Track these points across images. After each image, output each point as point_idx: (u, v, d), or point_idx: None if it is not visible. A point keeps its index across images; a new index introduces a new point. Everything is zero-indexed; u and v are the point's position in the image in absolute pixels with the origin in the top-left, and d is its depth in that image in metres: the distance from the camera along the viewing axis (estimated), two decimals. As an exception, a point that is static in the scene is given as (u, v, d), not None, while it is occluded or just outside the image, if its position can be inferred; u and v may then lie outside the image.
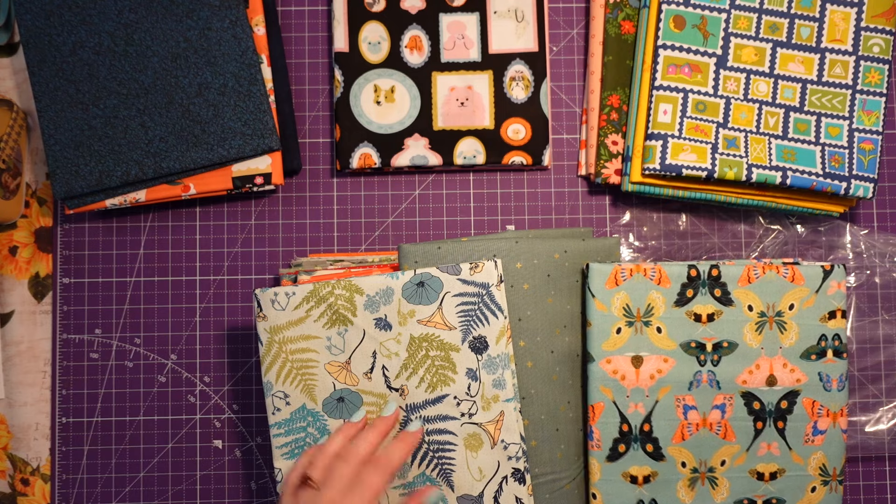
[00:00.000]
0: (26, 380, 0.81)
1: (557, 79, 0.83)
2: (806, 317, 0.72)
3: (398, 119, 0.81)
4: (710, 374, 0.71)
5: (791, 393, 0.71)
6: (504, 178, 0.83)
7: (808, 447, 0.72)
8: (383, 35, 0.81)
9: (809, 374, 0.72)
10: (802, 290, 0.71)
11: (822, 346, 0.72)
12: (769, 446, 0.72)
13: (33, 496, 0.81)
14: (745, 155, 0.76)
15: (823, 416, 0.72)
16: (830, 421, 0.72)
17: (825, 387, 0.72)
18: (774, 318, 0.71)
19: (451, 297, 0.67)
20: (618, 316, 0.71)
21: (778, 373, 0.71)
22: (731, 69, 0.78)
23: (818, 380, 0.72)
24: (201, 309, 0.81)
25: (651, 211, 0.82)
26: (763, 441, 0.72)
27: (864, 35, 0.77)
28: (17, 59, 0.83)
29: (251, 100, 0.75)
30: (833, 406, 0.72)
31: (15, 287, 0.82)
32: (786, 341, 0.71)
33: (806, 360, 0.72)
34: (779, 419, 0.72)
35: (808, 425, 0.72)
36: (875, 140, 0.77)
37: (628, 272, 0.71)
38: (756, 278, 0.71)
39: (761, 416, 0.71)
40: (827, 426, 0.72)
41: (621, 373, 0.71)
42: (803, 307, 0.71)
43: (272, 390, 0.69)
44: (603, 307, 0.71)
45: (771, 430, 0.72)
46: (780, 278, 0.71)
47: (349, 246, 0.82)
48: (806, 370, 0.72)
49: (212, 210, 0.82)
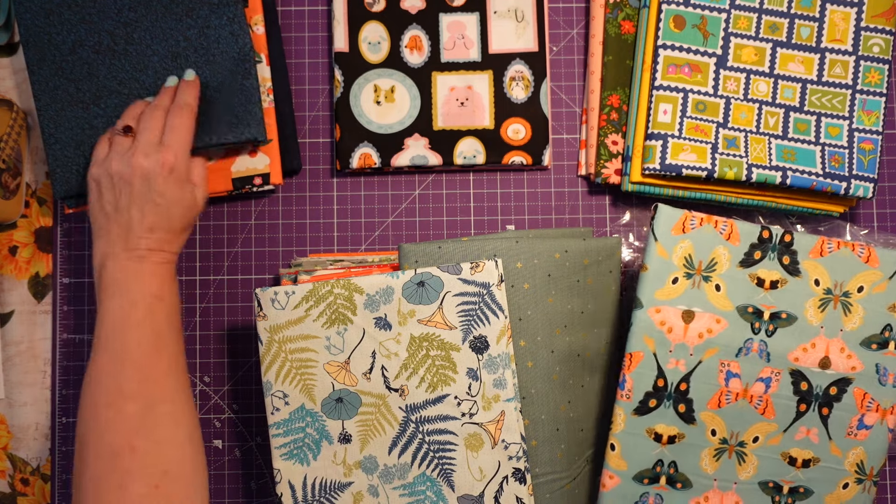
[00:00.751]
0: (26, 380, 0.81)
1: (557, 79, 0.83)
2: (874, 302, 0.68)
3: (398, 119, 0.81)
4: (762, 343, 0.67)
5: (843, 380, 0.68)
6: (504, 178, 0.83)
7: (850, 440, 0.68)
8: (383, 35, 0.81)
9: (866, 364, 0.68)
10: (875, 274, 0.68)
11: (885, 337, 0.68)
12: (808, 431, 0.68)
13: (33, 496, 0.80)
14: (745, 155, 0.76)
15: (873, 410, 0.68)
16: (879, 417, 0.68)
17: (881, 380, 0.68)
18: (840, 298, 0.68)
19: (451, 297, 0.67)
20: (677, 265, 0.67)
21: (834, 356, 0.68)
22: (731, 69, 0.78)
23: (874, 371, 0.68)
24: (201, 309, 0.81)
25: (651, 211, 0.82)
26: (803, 425, 0.68)
27: (864, 35, 0.77)
28: (17, 59, 0.83)
29: (242, 93, 0.74)
30: (885, 402, 0.68)
31: (15, 287, 0.82)
32: (848, 324, 0.68)
33: (866, 348, 0.68)
34: (825, 405, 0.68)
35: (855, 417, 0.68)
36: (875, 140, 0.77)
37: (699, 221, 0.67)
38: (829, 252, 0.67)
39: (807, 398, 0.68)
40: (874, 421, 0.68)
41: (669, 325, 0.67)
42: (873, 291, 0.68)
43: (271, 390, 0.69)
44: (664, 253, 0.67)
45: (814, 415, 0.68)
46: (854, 257, 0.67)
47: (349, 246, 0.82)
48: (864, 358, 0.68)
49: (212, 210, 0.82)
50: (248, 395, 0.80)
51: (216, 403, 0.80)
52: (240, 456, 0.80)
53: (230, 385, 0.81)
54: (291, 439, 0.69)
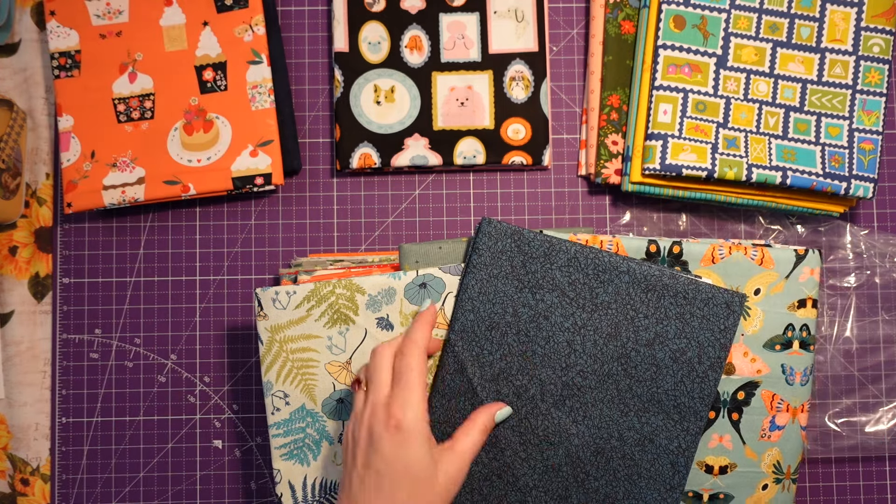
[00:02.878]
0: (26, 380, 0.81)
1: (557, 79, 0.83)
2: (773, 303, 0.67)
3: (398, 119, 0.81)
4: None
5: (750, 384, 0.67)
6: (504, 178, 0.83)
7: (763, 442, 0.68)
8: (383, 35, 0.81)
9: (772, 365, 0.67)
10: (771, 275, 0.67)
11: (788, 337, 0.67)
12: (721, 438, 0.68)
13: (33, 496, 0.80)
14: (745, 155, 0.76)
15: (783, 410, 0.68)
16: (790, 416, 0.68)
17: (788, 380, 0.67)
18: None
19: (453, 298, 0.67)
20: None
21: (737, 361, 0.67)
22: (731, 69, 0.78)
23: (780, 372, 0.67)
24: (201, 309, 0.81)
25: (651, 211, 0.82)
26: (715, 433, 0.67)
27: (864, 35, 0.77)
28: (17, 59, 0.83)
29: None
30: (794, 401, 0.68)
31: (15, 287, 0.82)
32: (749, 328, 0.67)
33: (769, 350, 0.67)
34: (734, 410, 0.67)
35: (766, 419, 0.68)
36: (875, 140, 0.77)
37: (584, 243, 0.66)
38: (721, 258, 0.66)
39: (715, 405, 0.67)
40: (786, 422, 0.68)
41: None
42: (771, 293, 0.67)
43: (272, 390, 0.69)
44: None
45: (724, 422, 0.67)
46: (747, 260, 0.66)
47: (349, 246, 0.82)
48: (768, 360, 0.67)
49: (212, 210, 0.82)
50: (248, 395, 0.80)
51: (216, 403, 0.80)
52: (240, 456, 0.80)
53: (230, 385, 0.81)
54: (292, 439, 0.69)
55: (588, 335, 0.64)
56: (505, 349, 0.64)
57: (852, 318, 0.81)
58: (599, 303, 0.63)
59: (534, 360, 0.64)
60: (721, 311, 0.63)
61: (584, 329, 0.64)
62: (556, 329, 0.64)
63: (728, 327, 0.63)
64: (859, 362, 0.80)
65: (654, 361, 0.63)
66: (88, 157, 0.78)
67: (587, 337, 0.64)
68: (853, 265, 0.81)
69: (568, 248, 0.64)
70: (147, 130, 0.79)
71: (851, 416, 0.80)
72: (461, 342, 0.64)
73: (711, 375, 0.63)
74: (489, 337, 0.64)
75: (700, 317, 0.63)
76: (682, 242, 0.67)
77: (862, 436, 0.79)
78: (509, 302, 0.64)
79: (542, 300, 0.64)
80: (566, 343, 0.64)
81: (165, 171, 0.78)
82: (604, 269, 0.63)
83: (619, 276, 0.63)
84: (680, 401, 0.63)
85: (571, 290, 0.63)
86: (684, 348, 0.63)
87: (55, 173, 0.82)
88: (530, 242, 0.64)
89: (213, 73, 0.79)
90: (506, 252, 0.65)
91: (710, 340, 0.63)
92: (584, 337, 0.64)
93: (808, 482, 0.80)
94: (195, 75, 0.79)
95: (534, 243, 0.64)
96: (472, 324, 0.64)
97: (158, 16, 0.79)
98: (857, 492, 0.80)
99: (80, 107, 0.79)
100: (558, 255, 0.64)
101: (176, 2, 0.79)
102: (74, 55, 0.79)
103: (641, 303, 0.63)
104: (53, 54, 0.79)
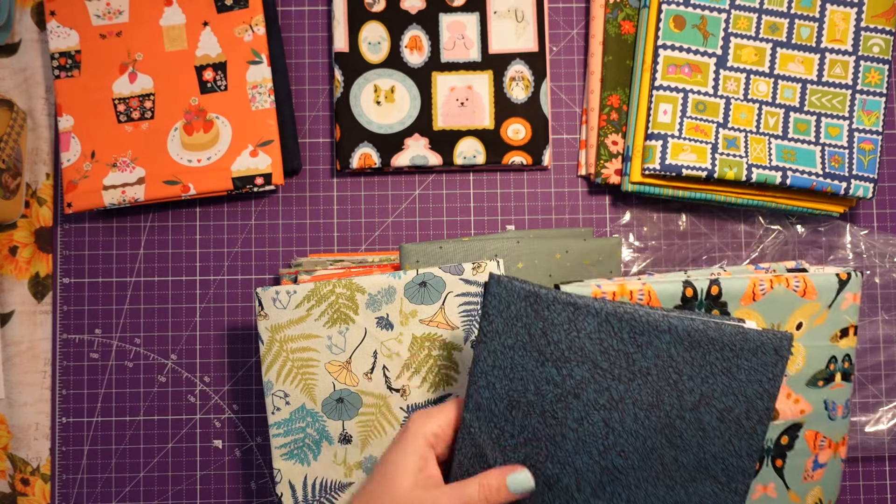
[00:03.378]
0: (26, 380, 0.81)
1: (557, 79, 0.83)
2: (815, 337, 0.62)
3: (398, 119, 0.81)
4: None
5: (793, 426, 0.63)
6: (504, 178, 0.83)
7: (807, 484, 0.64)
8: (383, 35, 0.81)
9: (815, 404, 0.63)
10: (813, 306, 0.62)
11: (830, 370, 0.63)
12: (765, 488, 0.64)
13: (33, 496, 0.80)
14: (745, 155, 0.76)
15: (825, 447, 0.64)
16: (832, 452, 0.64)
17: (830, 416, 0.64)
18: None
19: (453, 297, 0.67)
20: None
21: (780, 405, 0.62)
22: (731, 69, 0.78)
23: (823, 409, 0.63)
24: (201, 309, 0.81)
25: (651, 211, 0.82)
26: (759, 483, 0.64)
27: (864, 35, 0.78)
28: (17, 59, 0.83)
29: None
30: (835, 436, 0.64)
31: (15, 287, 0.82)
32: (791, 368, 0.62)
33: (812, 388, 0.63)
34: (778, 457, 0.63)
35: (809, 460, 0.64)
36: (875, 140, 0.77)
37: (610, 296, 0.60)
38: (762, 294, 0.61)
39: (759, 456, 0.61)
40: (828, 458, 0.64)
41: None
42: (813, 325, 0.62)
43: (272, 389, 0.69)
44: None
45: (768, 471, 0.63)
46: (789, 293, 0.61)
47: (349, 246, 0.82)
48: (811, 399, 0.63)
49: (212, 210, 0.82)
50: (248, 395, 0.80)
51: (216, 403, 0.80)
52: (240, 456, 0.80)
53: (230, 385, 0.81)
54: (292, 439, 0.69)
55: (627, 409, 0.54)
56: (529, 433, 0.54)
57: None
58: (638, 370, 0.54)
59: (565, 447, 0.54)
60: (770, 359, 0.54)
61: (623, 403, 0.54)
62: (590, 408, 0.54)
63: (776, 375, 0.54)
64: (859, 362, 0.80)
65: (701, 426, 0.54)
66: (88, 157, 0.78)
67: (626, 411, 0.54)
68: (853, 265, 0.81)
69: (598, 311, 0.53)
70: (147, 130, 0.79)
71: (851, 416, 0.80)
72: (478, 422, 0.55)
73: (759, 430, 0.54)
74: (509, 418, 0.55)
75: (748, 369, 0.54)
76: (720, 280, 0.60)
77: (862, 436, 0.79)
78: (530, 378, 0.54)
79: (570, 375, 0.54)
80: (602, 423, 0.54)
81: (165, 171, 0.78)
82: (641, 332, 0.53)
83: (660, 337, 0.53)
84: (728, 462, 0.55)
85: (605, 360, 0.54)
86: (732, 406, 0.54)
87: (55, 173, 0.82)
88: (550, 306, 0.54)
89: (213, 73, 0.79)
90: (521, 318, 0.54)
91: (759, 392, 0.54)
92: (622, 412, 0.54)
93: (808, 482, 0.80)
94: (195, 75, 0.79)
95: (554, 307, 0.54)
96: (489, 401, 0.55)
97: (158, 16, 0.79)
98: (857, 492, 0.80)
99: (80, 107, 0.79)
100: (586, 321, 0.53)
101: (176, 2, 0.79)
102: (74, 55, 0.79)
103: (685, 363, 0.54)
104: (53, 54, 0.79)
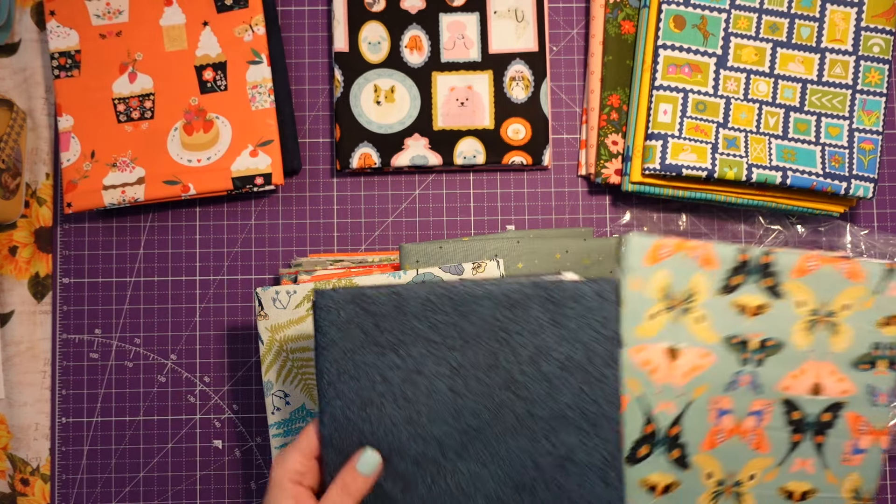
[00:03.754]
0: (26, 380, 0.81)
1: (557, 79, 0.83)
2: (861, 320, 0.64)
3: (398, 119, 0.81)
4: (753, 375, 0.63)
5: (836, 405, 0.64)
6: (504, 178, 0.83)
7: (846, 467, 0.65)
8: (383, 35, 0.81)
9: (858, 386, 0.64)
10: (859, 289, 0.63)
11: (874, 356, 0.64)
12: (804, 463, 0.64)
13: (33, 496, 0.80)
14: (745, 155, 0.76)
15: (867, 433, 0.64)
16: (873, 440, 0.64)
17: (873, 401, 0.64)
18: (826, 318, 0.64)
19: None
20: (654, 298, 0.62)
21: (825, 381, 0.63)
22: (731, 69, 0.78)
23: (866, 393, 0.64)
24: (201, 309, 0.81)
25: (651, 211, 0.82)
26: (798, 457, 0.64)
27: (864, 35, 0.77)
28: (17, 59, 0.83)
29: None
30: (878, 423, 0.64)
31: (15, 287, 0.82)
32: (837, 346, 0.63)
33: (856, 370, 0.64)
34: (818, 433, 0.64)
35: (849, 443, 0.64)
36: (875, 140, 0.77)
37: (672, 248, 0.62)
38: (811, 269, 0.63)
39: (800, 427, 0.64)
40: (868, 445, 0.64)
41: (652, 364, 0.62)
42: (861, 308, 0.64)
43: (272, 389, 0.69)
44: (639, 286, 0.62)
45: (808, 445, 0.64)
46: (836, 273, 0.63)
47: (349, 246, 0.82)
48: (855, 381, 0.64)
49: (212, 210, 0.82)
50: (248, 395, 0.80)
51: (216, 403, 0.80)
52: (240, 456, 0.80)
53: (230, 385, 0.81)
54: (292, 439, 0.69)
55: (468, 373, 0.57)
56: (388, 423, 0.56)
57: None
58: (468, 336, 0.57)
59: (421, 422, 0.56)
60: (594, 303, 0.56)
61: (463, 369, 0.57)
62: (434, 379, 0.57)
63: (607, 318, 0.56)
64: (859, 362, 0.80)
65: (545, 377, 0.56)
66: (88, 157, 0.78)
67: (468, 375, 0.57)
68: (853, 265, 0.81)
69: (418, 293, 0.57)
70: (147, 130, 0.79)
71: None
72: (338, 433, 0.56)
73: (609, 374, 0.56)
74: (366, 416, 0.56)
75: (574, 316, 0.56)
76: (774, 253, 0.62)
77: (862, 436, 0.79)
78: (375, 370, 0.56)
79: (409, 355, 0.57)
80: (448, 390, 0.57)
81: (165, 171, 0.78)
82: (462, 302, 0.56)
83: (480, 303, 0.56)
84: (586, 410, 0.56)
85: (435, 334, 0.57)
86: (571, 353, 0.56)
87: (55, 173, 0.82)
88: (376, 300, 0.57)
89: (213, 73, 0.79)
90: (353, 320, 0.57)
91: (595, 337, 0.56)
92: (464, 377, 0.57)
93: (809, 482, 0.80)
94: (195, 75, 0.79)
95: (379, 300, 0.57)
96: (343, 409, 0.56)
97: (158, 16, 0.79)
98: (858, 492, 0.80)
99: (80, 107, 0.79)
100: (410, 303, 0.57)
101: (176, 2, 0.79)
102: (74, 55, 0.79)
103: (510, 321, 0.56)
104: (53, 54, 0.79)
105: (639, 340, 0.62)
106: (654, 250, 0.62)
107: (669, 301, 0.62)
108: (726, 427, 0.64)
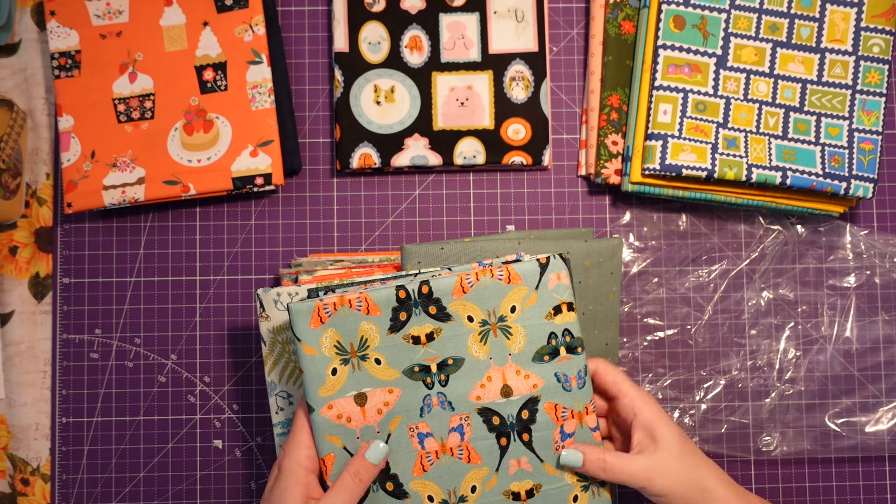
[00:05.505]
0: (26, 380, 0.81)
1: (557, 79, 0.83)
2: (530, 317, 0.65)
3: (398, 119, 0.81)
4: (441, 395, 0.64)
5: (530, 400, 0.64)
6: (504, 178, 0.83)
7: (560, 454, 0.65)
8: (383, 35, 0.81)
9: (546, 377, 0.65)
10: (521, 290, 0.64)
11: (553, 346, 0.65)
12: (519, 462, 0.65)
13: (33, 496, 0.80)
14: (745, 155, 0.76)
15: (568, 418, 0.65)
16: (577, 422, 0.65)
17: (565, 387, 0.65)
18: (498, 325, 0.64)
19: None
20: (330, 356, 0.63)
21: (512, 381, 0.64)
22: (731, 69, 0.78)
23: (556, 381, 0.65)
24: (201, 309, 0.81)
25: (651, 211, 0.82)
26: (511, 458, 0.64)
27: (864, 35, 0.78)
28: (18, 59, 0.83)
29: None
30: (577, 406, 0.65)
31: (15, 287, 0.82)
32: (514, 347, 0.64)
33: (539, 363, 0.65)
34: (523, 431, 0.64)
35: (556, 431, 0.65)
36: (875, 140, 0.77)
37: (332, 307, 0.63)
38: (470, 287, 0.64)
39: (503, 431, 0.64)
40: (574, 428, 0.65)
41: (346, 415, 0.63)
42: (525, 307, 0.64)
43: (275, 390, 0.69)
44: (312, 350, 0.63)
45: (517, 445, 0.64)
46: (495, 282, 0.64)
47: (349, 246, 0.82)
48: (541, 373, 0.65)
49: (212, 210, 0.82)
50: (248, 395, 0.80)
51: (216, 403, 0.80)
52: (240, 456, 0.80)
53: (230, 385, 0.81)
54: (292, 439, 0.69)
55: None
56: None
57: (852, 318, 0.81)
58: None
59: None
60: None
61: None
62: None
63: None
64: (859, 362, 0.81)
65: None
66: (88, 157, 0.78)
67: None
68: (853, 265, 0.81)
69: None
70: (147, 130, 0.79)
71: (851, 416, 0.80)
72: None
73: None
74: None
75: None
76: (430, 281, 0.64)
77: (862, 436, 0.79)
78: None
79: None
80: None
81: (165, 171, 0.78)
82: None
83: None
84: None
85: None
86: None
87: (55, 173, 0.82)
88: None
89: (213, 73, 0.79)
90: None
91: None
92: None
93: (808, 482, 0.80)
94: (195, 75, 0.79)
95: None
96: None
97: (158, 16, 0.79)
98: (857, 492, 0.80)
99: (80, 107, 0.79)
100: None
101: (176, 2, 0.79)
102: (74, 55, 0.79)
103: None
104: (53, 54, 0.79)
105: (327, 399, 0.63)
106: (317, 312, 0.63)
107: (344, 355, 0.63)
108: (432, 449, 0.64)
